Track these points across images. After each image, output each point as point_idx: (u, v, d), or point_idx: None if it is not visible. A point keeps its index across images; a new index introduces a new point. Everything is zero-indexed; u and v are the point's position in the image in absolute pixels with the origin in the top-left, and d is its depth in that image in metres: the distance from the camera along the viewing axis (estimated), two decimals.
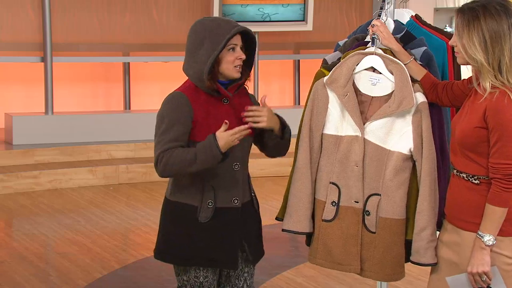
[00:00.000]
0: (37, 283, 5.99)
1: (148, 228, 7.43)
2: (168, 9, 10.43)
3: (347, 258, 3.85)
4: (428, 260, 3.73)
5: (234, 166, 3.79)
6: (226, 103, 3.80)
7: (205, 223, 3.78)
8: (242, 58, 3.76)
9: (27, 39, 9.88)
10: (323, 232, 3.88)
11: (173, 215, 3.88)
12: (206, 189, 3.77)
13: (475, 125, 3.43)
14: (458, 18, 3.46)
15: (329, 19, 11.18)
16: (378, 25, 3.83)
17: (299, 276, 6.08)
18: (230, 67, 3.75)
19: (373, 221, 3.80)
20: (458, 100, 3.69)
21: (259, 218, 3.99)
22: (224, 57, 3.74)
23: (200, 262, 3.83)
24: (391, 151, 3.77)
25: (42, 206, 8.27)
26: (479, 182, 3.48)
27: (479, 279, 3.46)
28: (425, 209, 3.74)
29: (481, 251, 3.43)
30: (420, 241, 3.74)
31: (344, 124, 3.82)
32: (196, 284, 3.85)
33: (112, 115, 10.12)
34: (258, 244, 3.97)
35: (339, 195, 3.83)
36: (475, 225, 3.48)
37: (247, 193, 3.88)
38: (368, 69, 3.80)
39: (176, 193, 3.85)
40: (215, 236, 3.79)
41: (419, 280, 5.83)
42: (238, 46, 3.76)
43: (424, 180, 3.74)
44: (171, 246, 3.88)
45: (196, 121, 3.74)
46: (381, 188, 3.78)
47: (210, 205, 3.77)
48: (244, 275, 3.96)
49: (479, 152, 3.45)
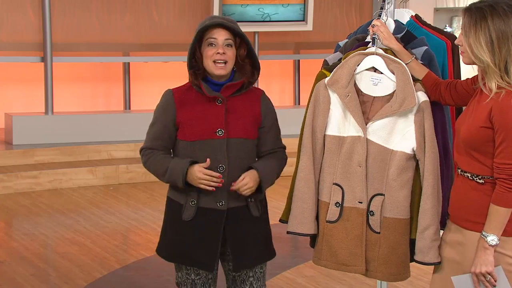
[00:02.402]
0: (37, 283, 5.98)
1: (148, 228, 7.43)
2: (168, 9, 10.43)
3: (352, 259, 3.84)
4: (432, 259, 3.73)
5: (218, 168, 3.75)
6: (220, 104, 3.77)
7: (188, 221, 3.79)
8: (220, 52, 3.72)
9: (27, 39, 9.88)
10: (327, 234, 3.87)
11: (167, 210, 3.93)
12: (190, 189, 3.77)
13: (481, 125, 3.42)
14: (465, 18, 3.45)
15: (329, 19, 11.18)
16: (379, 25, 3.83)
17: (299, 276, 6.08)
18: (209, 62, 3.73)
19: (377, 221, 3.79)
20: (462, 99, 3.69)
21: (263, 225, 3.91)
22: (203, 52, 3.73)
23: (182, 260, 3.84)
24: (394, 150, 3.77)
25: (42, 206, 8.26)
26: (483, 181, 3.47)
27: (483, 279, 3.45)
28: (428, 208, 3.73)
29: (484, 251, 3.43)
30: (424, 240, 3.74)
31: (347, 125, 3.81)
32: (188, 281, 3.86)
33: (112, 115, 10.12)
34: (253, 250, 3.87)
35: (342, 196, 3.83)
36: (479, 224, 3.47)
37: (240, 198, 3.80)
38: (369, 69, 3.80)
39: (170, 189, 3.90)
40: (195, 236, 3.79)
41: (419, 280, 5.83)
42: (218, 41, 3.72)
43: (427, 179, 3.73)
44: (163, 242, 3.94)
45: (180, 122, 3.76)
46: (385, 188, 3.78)
47: (193, 204, 3.77)
48: (249, 279, 3.93)
49: (484, 152, 3.45)
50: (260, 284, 3.95)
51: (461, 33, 3.48)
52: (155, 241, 4.07)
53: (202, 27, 3.71)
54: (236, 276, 3.92)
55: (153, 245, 6.81)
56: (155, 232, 7.15)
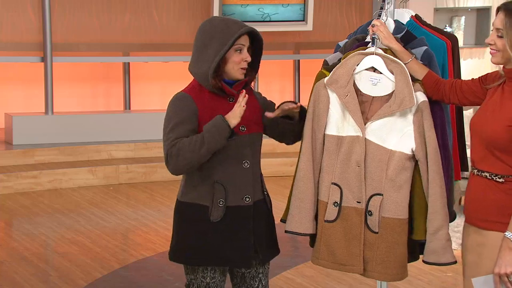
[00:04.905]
0: (37, 283, 5.99)
1: (148, 228, 7.42)
2: (168, 9, 10.43)
3: (350, 258, 3.85)
4: (448, 259, 3.73)
5: (243, 164, 3.80)
6: (232, 101, 3.80)
7: (217, 222, 3.78)
8: (247, 60, 3.77)
9: (27, 39, 9.88)
10: (325, 233, 3.88)
11: (185, 216, 3.86)
12: (217, 188, 3.77)
13: (509, 124, 3.41)
14: (506, 18, 3.43)
15: (329, 19, 11.18)
16: (378, 25, 3.83)
17: (299, 276, 6.08)
18: (235, 67, 3.76)
19: (375, 221, 3.79)
20: (468, 99, 3.69)
21: (272, 217, 3.97)
22: (231, 57, 3.74)
23: (214, 262, 3.82)
24: (392, 150, 3.77)
25: (42, 206, 8.27)
26: (503, 180, 3.45)
27: (506, 280, 3.41)
28: (438, 209, 3.73)
29: (509, 251, 3.38)
30: (437, 241, 3.73)
31: (345, 125, 3.82)
32: (202, 284, 3.85)
33: (112, 115, 10.12)
34: (270, 243, 3.95)
35: (341, 196, 3.83)
36: (500, 224, 3.44)
37: (259, 191, 3.87)
38: (369, 69, 3.80)
39: (188, 194, 3.84)
40: (228, 235, 3.79)
41: (419, 280, 5.83)
42: (245, 48, 3.76)
43: (434, 179, 3.73)
44: (185, 247, 3.86)
45: (202, 121, 3.75)
46: (383, 188, 3.78)
47: (221, 204, 3.77)
48: (259, 276, 3.95)
49: (509, 151, 3.43)
50: (267, 280, 4.00)
51: (493, 32, 3.47)
52: (155, 241, 4.06)
53: (237, 34, 3.71)
54: (246, 273, 3.93)
55: (153, 245, 6.82)
56: (155, 232, 7.15)
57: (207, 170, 3.76)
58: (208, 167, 3.75)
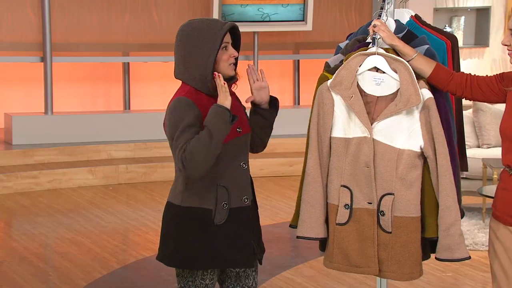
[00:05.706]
0: (37, 283, 5.99)
1: (147, 228, 7.43)
2: (168, 9, 10.43)
3: (365, 260, 3.83)
4: (462, 255, 3.73)
5: (242, 165, 3.80)
6: None
7: (220, 225, 3.77)
8: (235, 55, 3.77)
9: (27, 39, 9.88)
10: (338, 236, 3.86)
11: (187, 220, 3.81)
12: (220, 191, 3.76)
13: None
14: None
15: (329, 19, 11.18)
16: (379, 25, 3.82)
17: (299, 276, 6.08)
18: (225, 65, 3.76)
19: (388, 221, 3.78)
20: (483, 95, 3.70)
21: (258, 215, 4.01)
22: (220, 56, 3.74)
23: (218, 264, 3.82)
24: (401, 149, 3.76)
25: (42, 206, 8.27)
26: None
27: None
28: (451, 204, 3.72)
29: None
30: (451, 237, 3.73)
31: (352, 126, 3.81)
32: (201, 286, 3.84)
33: (112, 115, 10.12)
34: (260, 241, 3.98)
35: (351, 198, 3.82)
36: None
37: (252, 191, 3.89)
38: (371, 69, 3.79)
39: (189, 198, 3.80)
40: (231, 237, 3.79)
41: (419, 280, 5.82)
42: (229, 44, 3.77)
43: (445, 175, 3.72)
44: (187, 251, 3.81)
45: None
46: (394, 187, 3.76)
47: (225, 206, 3.77)
48: (252, 274, 3.95)
49: None
50: (257, 278, 4.01)
51: (508, 33, 3.47)
52: (155, 241, 4.06)
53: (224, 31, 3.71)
54: (240, 272, 3.93)
55: (152, 245, 6.82)
56: (154, 232, 7.15)
57: (209, 173, 3.74)
58: (210, 171, 3.74)
